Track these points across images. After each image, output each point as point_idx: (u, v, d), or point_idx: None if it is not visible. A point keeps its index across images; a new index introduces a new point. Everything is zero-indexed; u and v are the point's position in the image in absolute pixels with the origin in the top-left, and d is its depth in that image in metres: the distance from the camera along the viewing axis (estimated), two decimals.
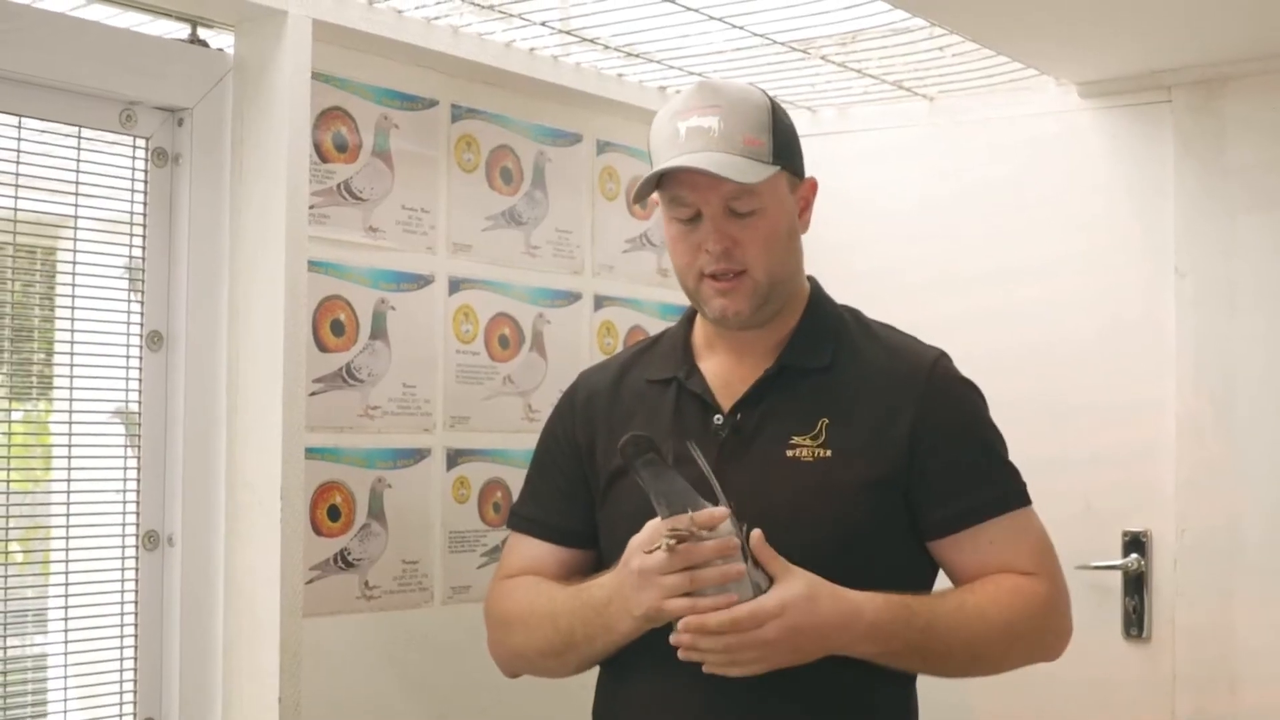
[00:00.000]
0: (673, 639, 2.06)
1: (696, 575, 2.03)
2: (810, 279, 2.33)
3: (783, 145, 2.20)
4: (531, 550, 2.35)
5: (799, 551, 2.08)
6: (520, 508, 2.41)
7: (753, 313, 2.21)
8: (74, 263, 2.46)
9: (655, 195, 2.23)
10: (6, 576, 2.39)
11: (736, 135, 2.15)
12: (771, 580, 2.05)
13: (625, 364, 2.38)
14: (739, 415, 2.21)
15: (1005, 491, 2.23)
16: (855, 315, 2.34)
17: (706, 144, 2.14)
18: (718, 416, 2.22)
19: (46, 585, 2.47)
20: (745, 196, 2.16)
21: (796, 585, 2.05)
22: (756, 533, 2.04)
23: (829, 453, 2.17)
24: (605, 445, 2.28)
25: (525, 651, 2.31)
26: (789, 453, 2.17)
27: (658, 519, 2.05)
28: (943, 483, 2.19)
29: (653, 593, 2.06)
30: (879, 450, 2.17)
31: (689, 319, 2.35)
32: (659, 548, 2.03)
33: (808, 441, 2.18)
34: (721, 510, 2.03)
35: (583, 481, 2.31)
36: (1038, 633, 2.22)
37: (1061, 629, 2.27)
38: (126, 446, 2.53)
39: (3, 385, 2.46)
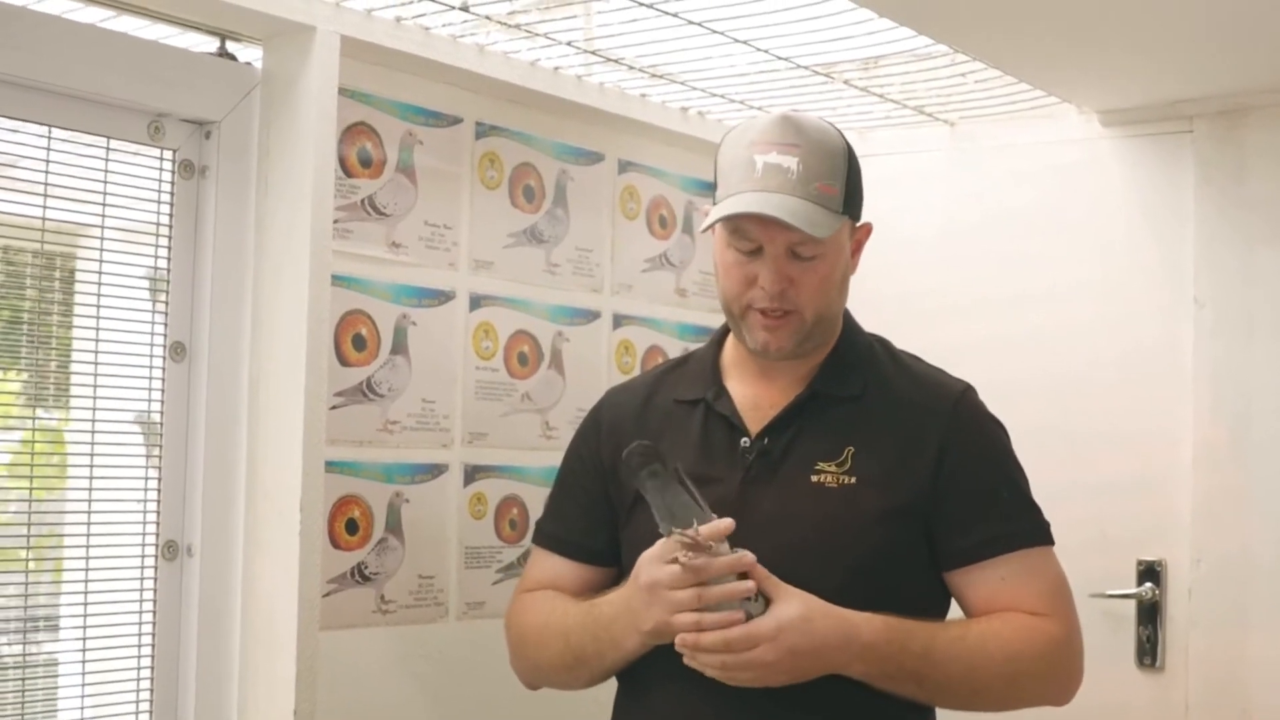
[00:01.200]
0: (677, 644, 2.06)
1: (705, 592, 2.03)
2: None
3: (852, 192, 2.20)
4: (553, 566, 2.36)
5: (819, 576, 2.09)
6: (544, 523, 2.42)
7: (794, 348, 2.21)
8: (99, 273, 2.47)
9: (709, 207, 2.24)
10: (27, 584, 2.41)
11: (812, 181, 2.13)
12: (767, 604, 2.06)
13: (653, 384, 2.38)
14: (766, 439, 2.21)
15: (1023, 528, 2.22)
16: (884, 344, 2.34)
17: (781, 185, 2.12)
18: (745, 439, 2.22)
19: (66, 594, 2.48)
20: (810, 243, 2.15)
21: (792, 607, 2.05)
22: (749, 556, 2.05)
23: (853, 480, 2.17)
24: None
25: (541, 665, 2.32)
26: (814, 478, 2.18)
27: (667, 538, 2.06)
28: (961, 514, 2.19)
29: (660, 608, 2.07)
30: (902, 480, 2.17)
31: (718, 341, 2.35)
32: (673, 560, 2.03)
33: (833, 468, 2.18)
34: (727, 522, 2.04)
35: (605, 500, 2.31)
36: (1044, 673, 2.20)
37: (1070, 672, 2.23)
38: (147, 456, 2.54)
39: (26, 393, 2.47)
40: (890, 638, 2.09)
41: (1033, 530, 2.23)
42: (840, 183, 2.17)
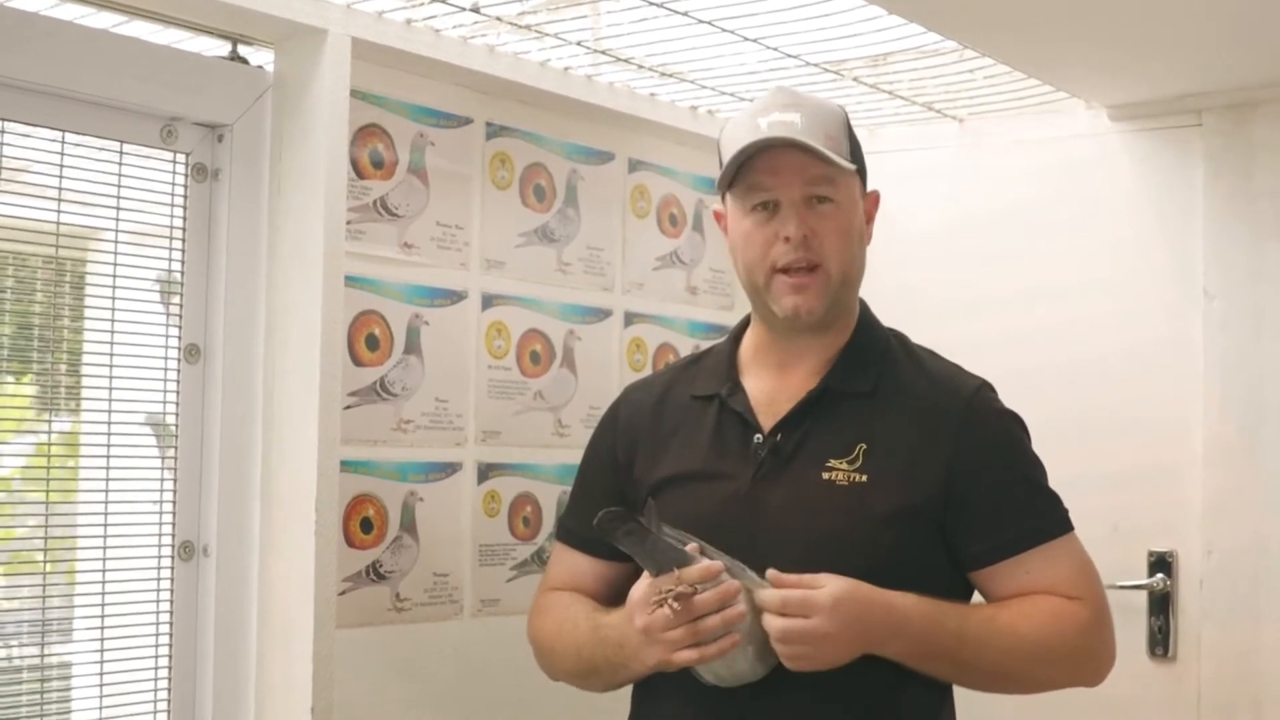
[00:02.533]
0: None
1: (699, 627, 2.05)
2: (859, 300, 2.33)
3: (856, 151, 2.24)
4: (573, 561, 2.38)
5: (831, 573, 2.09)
6: (565, 518, 2.46)
7: (824, 312, 2.21)
8: (114, 276, 2.48)
9: (718, 208, 2.25)
10: (45, 587, 2.42)
11: (818, 130, 2.18)
12: None
13: (670, 380, 2.39)
14: (779, 435, 2.21)
15: (1043, 522, 2.22)
16: (901, 339, 2.34)
17: (790, 133, 2.16)
18: (757, 436, 2.22)
19: (83, 595, 2.49)
20: (826, 184, 2.18)
21: (838, 581, 2.06)
22: (771, 572, 2.06)
23: (864, 478, 2.17)
24: (646, 460, 2.31)
25: (558, 670, 2.35)
26: (824, 475, 2.18)
27: (659, 575, 2.08)
28: (979, 515, 2.18)
29: (659, 649, 2.09)
30: (914, 478, 2.17)
31: (735, 336, 2.36)
32: (660, 604, 2.04)
33: (844, 465, 2.18)
34: (715, 566, 2.05)
35: (620, 497, 2.31)
36: (1073, 654, 2.20)
37: (1100, 653, 2.23)
38: (162, 458, 2.55)
39: (41, 397, 2.49)
40: (925, 612, 2.11)
41: (1052, 523, 2.23)
42: (845, 138, 2.21)
